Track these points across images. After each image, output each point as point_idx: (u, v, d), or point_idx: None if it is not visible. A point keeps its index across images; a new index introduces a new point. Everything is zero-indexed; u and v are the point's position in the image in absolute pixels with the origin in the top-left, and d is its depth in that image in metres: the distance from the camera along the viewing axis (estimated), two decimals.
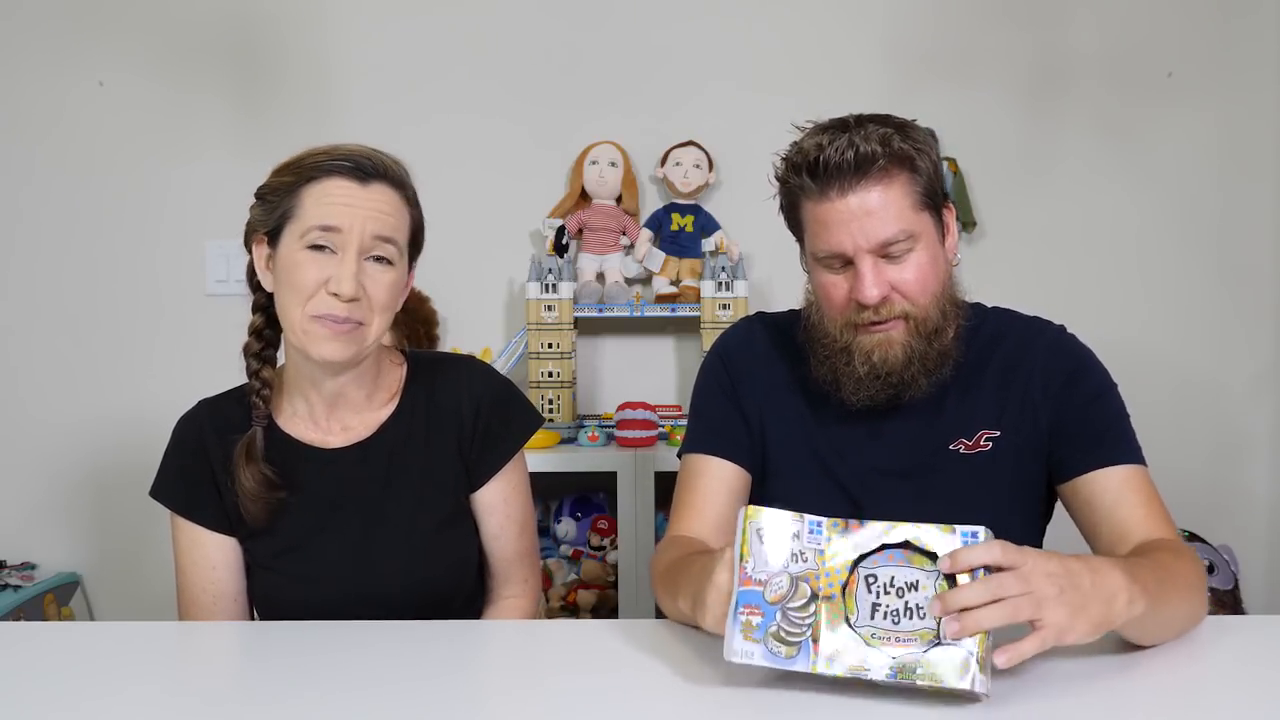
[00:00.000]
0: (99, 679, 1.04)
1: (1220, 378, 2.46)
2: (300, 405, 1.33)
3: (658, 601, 1.30)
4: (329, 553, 1.30)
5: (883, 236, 1.17)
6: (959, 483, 1.26)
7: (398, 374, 1.37)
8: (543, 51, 2.44)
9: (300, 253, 1.21)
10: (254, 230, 1.27)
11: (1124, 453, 1.23)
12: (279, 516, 1.29)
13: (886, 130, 1.18)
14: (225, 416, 1.33)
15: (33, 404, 2.46)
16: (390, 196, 1.25)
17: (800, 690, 0.97)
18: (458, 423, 1.34)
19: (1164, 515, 1.21)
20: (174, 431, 1.36)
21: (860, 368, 1.22)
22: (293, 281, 1.21)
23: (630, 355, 2.48)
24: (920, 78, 2.39)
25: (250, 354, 1.31)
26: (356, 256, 1.21)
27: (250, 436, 1.28)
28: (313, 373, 1.29)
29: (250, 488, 1.26)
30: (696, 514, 1.33)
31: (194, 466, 1.32)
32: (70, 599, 2.43)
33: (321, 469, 1.31)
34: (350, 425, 1.33)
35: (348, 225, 1.20)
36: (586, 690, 0.99)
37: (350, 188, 1.22)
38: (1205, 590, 1.13)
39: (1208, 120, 2.43)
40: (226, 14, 2.43)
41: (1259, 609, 2.39)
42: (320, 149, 1.26)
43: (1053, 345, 1.29)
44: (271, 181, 1.27)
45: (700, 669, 1.04)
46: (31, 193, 2.45)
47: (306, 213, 1.22)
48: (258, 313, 1.31)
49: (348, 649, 1.11)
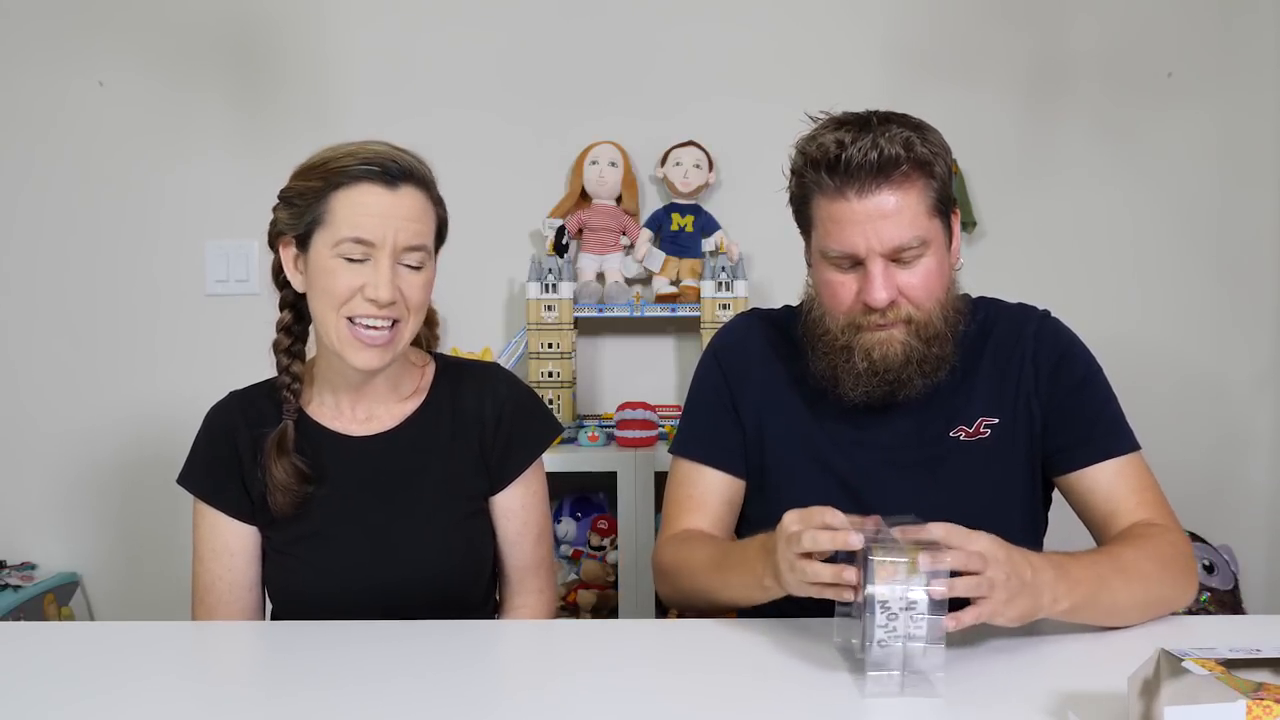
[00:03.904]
0: (99, 679, 1.04)
1: (1220, 377, 2.46)
2: (328, 396, 1.36)
3: (671, 591, 1.30)
4: (349, 540, 1.32)
5: (897, 241, 1.17)
6: (960, 470, 1.27)
7: (421, 370, 1.40)
8: (542, 51, 2.44)
9: (333, 260, 1.24)
10: (281, 233, 1.30)
11: (1115, 444, 1.26)
12: (303, 503, 1.31)
13: (909, 133, 1.17)
14: (256, 408, 1.35)
15: (32, 404, 2.46)
16: (418, 200, 1.27)
17: (801, 690, 0.97)
18: (481, 426, 1.37)
19: (1154, 499, 1.24)
20: (205, 420, 1.38)
21: (860, 363, 1.22)
22: (328, 289, 1.24)
23: (630, 355, 2.48)
24: (919, 77, 2.39)
25: (280, 350, 1.33)
26: (390, 263, 1.24)
27: (282, 430, 1.30)
28: (343, 368, 1.31)
29: (282, 480, 1.29)
30: (698, 513, 1.33)
31: (222, 456, 1.34)
32: (70, 599, 2.43)
33: (346, 457, 1.33)
34: (375, 415, 1.36)
35: (380, 237, 1.23)
36: (587, 690, 0.99)
37: (380, 194, 1.24)
38: (1184, 569, 1.18)
39: (1207, 120, 2.43)
40: (226, 14, 2.42)
41: (1259, 609, 2.38)
42: (344, 150, 1.27)
43: (1039, 332, 1.31)
44: (297, 185, 1.28)
45: (700, 669, 1.04)
46: (31, 193, 2.44)
47: (338, 221, 1.24)
48: (285, 309, 1.34)
49: (349, 648, 1.11)
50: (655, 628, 1.22)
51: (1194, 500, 2.32)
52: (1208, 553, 2.27)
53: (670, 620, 1.29)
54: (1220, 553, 2.29)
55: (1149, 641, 0.83)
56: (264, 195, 1.60)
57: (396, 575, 1.31)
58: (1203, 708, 0.75)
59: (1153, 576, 1.14)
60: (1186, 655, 0.78)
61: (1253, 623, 1.57)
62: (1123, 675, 0.83)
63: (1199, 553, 2.25)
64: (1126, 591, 1.11)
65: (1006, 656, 1.05)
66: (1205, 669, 0.77)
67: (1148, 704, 0.79)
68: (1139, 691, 0.81)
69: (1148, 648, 0.81)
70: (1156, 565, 1.15)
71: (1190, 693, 0.76)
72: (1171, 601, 1.17)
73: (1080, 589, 1.05)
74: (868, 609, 0.92)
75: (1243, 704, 0.73)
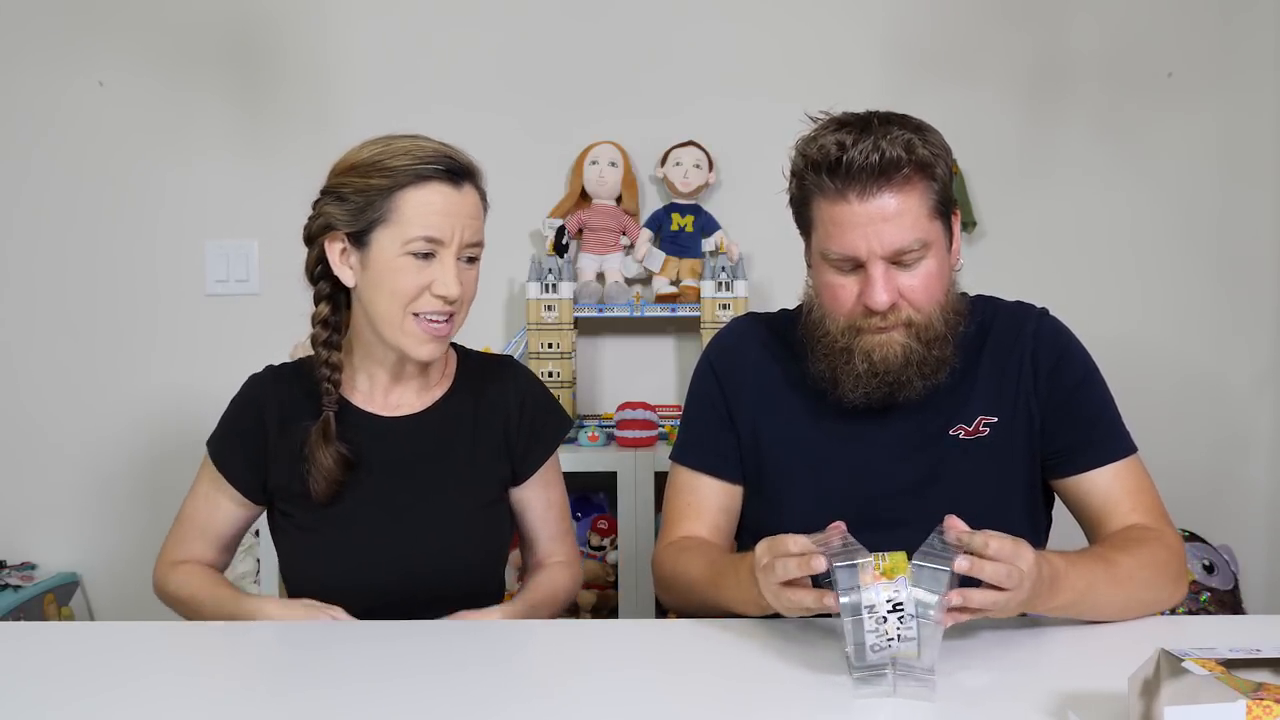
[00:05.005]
0: (99, 679, 1.04)
1: (1220, 378, 2.46)
2: (363, 381, 1.39)
3: (670, 599, 1.31)
4: (373, 520, 1.34)
5: (898, 244, 1.17)
6: (960, 469, 1.27)
7: (445, 361, 1.44)
8: (543, 51, 2.43)
9: (401, 259, 1.27)
10: (331, 227, 1.31)
11: (1112, 448, 1.26)
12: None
13: (910, 135, 1.17)
14: (290, 390, 1.39)
15: (33, 404, 2.46)
16: (476, 199, 1.33)
17: (800, 691, 0.97)
18: (504, 416, 1.41)
19: (1149, 503, 1.25)
20: (240, 389, 1.42)
21: (860, 365, 1.22)
22: (395, 287, 1.28)
23: (630, 355, 2.48)
24: (919, 77, 2.39)
25: (319, 343, 1.35)
26: (454, 260, 1.28)
27: (324, 421, 1.33)
28: (386, 356, 1.36)
29: (327, 468, 1.31)
30: (696, 520, 1.35)
31: (242, 428, 1.39)
32: (70, 599, 2.43)
33: (378, 438, 1.36)
34: (407, 401, 1.40)
35: (449, 235, 1.28)
36: (587, 690, 0.99)
37: (449, 193, 1.29)
38: (1174, 574, 1.19)
39: (1207, 120, 2.43)
40: (226, 14, 2.42)
41: (1259, 609, 2.38)
42: (398, 146, 1.30)
43: (1038, 331, 1.31)
44: (354, 181, 1.29)
45: (700, 669, 1.04)
46: (31, 192, 2.44)
47: (407, 220, 1.27)
48: (321, 303, 1.36)
49: (350, 648, 1.11)
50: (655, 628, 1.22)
51: (1194, 500, 2.32)
52: (1208, 553, 2.27)
53: (670, 620, 1.29)
54: (1220, 553, 2.29)
55: (1149, 641, 0.83)
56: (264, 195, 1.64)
57: (417, 557, 1.33)
58: (1203, 708, 0.75)
59: (1142, 581, 1.15)
60: (1186, 655, 0.78)
61: (1253, 623, 1.57)
62: (1123, 675, 0.83)
63: (1199, 553, 2.25)
64: (1113, 595, 1.13)
65: (1006, 656, 1.05)
66: (1205, 669, 0.77)
67: (1148, 704, 0.79)
68: (1139, 691, 0.81)
69: (1148, 648, 0.81)
70: (1148, 570, 1.16)
71: (1190, 693, 0.76)
72: (1157, 604, 1.19)
73: (1069, 595, 1.08)
74: (845, 615, 0.92)
75: (1243, 704, 0.73)
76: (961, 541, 0.98)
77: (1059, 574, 1.06)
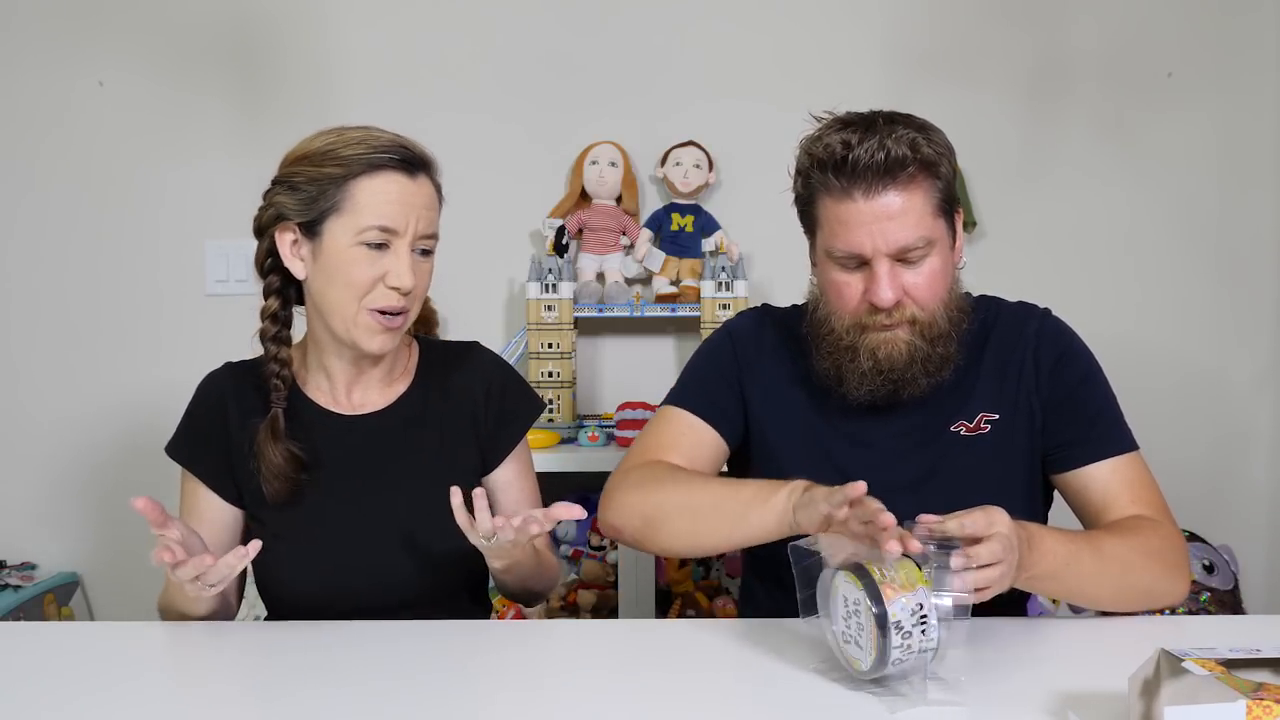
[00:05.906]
0: (99, 679, 1.04)
1: (1220, 377, 2.46)
2: (322, 380, 1.36)
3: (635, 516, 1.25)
4: (345, 521, 1.31)
5: (903, 242, 1.18)
6: (961, 465, 1.28)
7: (408, 353, 1.41)
8: (543, 52, 2.43)
9: (354, 249, 1.24)
10: (282, 217, 1.27)
11: (1112, 443, 1.27)
12: (299, 488, 1.31)
13: (915, 134, 1.18)
14: (248, 384, 1.35)
15: (32, 404, 2.46)
16: (431, 191, 1.30)
17: (800, 691, 0.97)
18: (472, 402, 1.38)
19: (1149, 498, 1.25)
20: (197, 388, 1.39)
21: (865, 363, 1.23)
22: (349, 278, 1.25)
23: (630, 355, 2.48)
24: (919, 78, 2.39)
25: (267, 339, 1.32)
26: (409, 251, 1.25)
27: (272, 418, 1.29)
28: (341, 351, 1.32)
29: (278, 465, 1.28)
30: (682, 458, 1.30)
31: (204, 428, 1.35)
32: (70, 599, 2.43)
33: (341, 437, 1.34)
34: (369, 398, 1.37)
35: (403, 225, 1.25)
36: (586, 690, 0.99)
37: (403, 183, 1.26)
38: (1172, 562, 1.18)
39: (1207, 121, 2.43)
40: (226, 14, 2.42)
41: (1259, 609, 2.38)
42: (350, 136, 1.27)
43: (1040, 330, 1.32)
44: (305, 170, 1.26)
45: (700, 669, 1.04)
46: (31, 193, 2.44)
47: (361, 209, 1.24)
48: (270, 297, 1.32)
49: (348, 648, 1.11)
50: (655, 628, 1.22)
51: (1194, 500, 2.32)
52: (1208, 552, 2.27)
53: (670, 620, 1.29)
54: (1220, 553, 2.29)
55: (1149, 641, 0.83)
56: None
57: (393, 556, 1.30)
58: (1203, 708, 0.75)
59: (1132, 563, 1.15)
60: (1186, 655, 0.78)
61: (1253, 623, 1.57)
62: (1123, 675, 0.83)
63: (1199, 553, 2.25)
64: (1100, 572, 1.12)
65: (1006, 656, 1.05)
66: (1205, 669, 0.77)
67: (1148, 704, 0.79)
68: (1139, 691, 0.81)
69: (1148, 648, 0.81)
70: (1140, 554, 1.15)
71: (1190, 693, 0.76)
72: (1156, 593, 1.17)
73: (1050, 560, 1.07)
74: (878, 627, 0.90)
75: (1243, 704, 0.73)
76: (934, 532, 0.98)
77: (1034, 535, 1.07)
